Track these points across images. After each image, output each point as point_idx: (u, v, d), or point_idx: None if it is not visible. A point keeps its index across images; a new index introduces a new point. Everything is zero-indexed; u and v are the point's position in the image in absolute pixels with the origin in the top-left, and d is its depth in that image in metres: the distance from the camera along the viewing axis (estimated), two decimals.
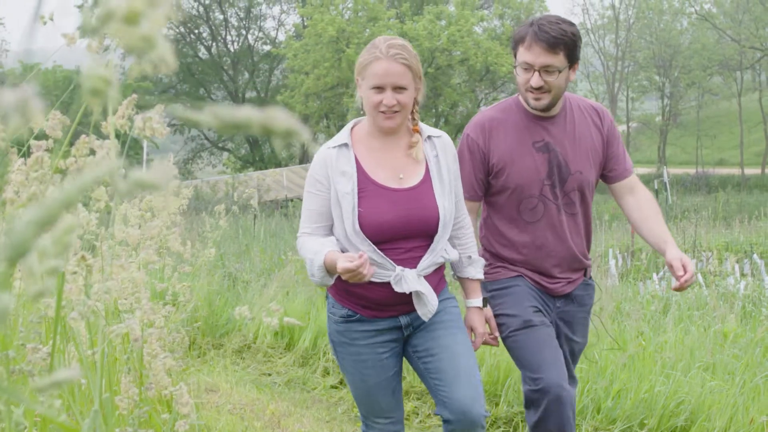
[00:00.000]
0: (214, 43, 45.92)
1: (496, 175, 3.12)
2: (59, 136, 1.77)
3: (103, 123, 1.49)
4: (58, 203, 0.44)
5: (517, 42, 3.03)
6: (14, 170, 1.72)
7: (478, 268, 2.99)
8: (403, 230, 2.71)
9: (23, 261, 0.46)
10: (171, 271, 3.79)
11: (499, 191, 3.15)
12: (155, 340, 2.09)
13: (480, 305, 3.02)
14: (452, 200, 2.80)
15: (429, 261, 2.75)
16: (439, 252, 2.77)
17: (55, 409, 1.12)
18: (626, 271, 10.49)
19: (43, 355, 1.45)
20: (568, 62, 3.00)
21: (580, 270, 3.29)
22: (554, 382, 2.98)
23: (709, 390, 4.46)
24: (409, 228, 2.71)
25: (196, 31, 45.42)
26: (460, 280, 3.04)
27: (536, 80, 2.97)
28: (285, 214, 19.61)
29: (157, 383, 2.07)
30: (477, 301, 3.02)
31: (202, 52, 46.07)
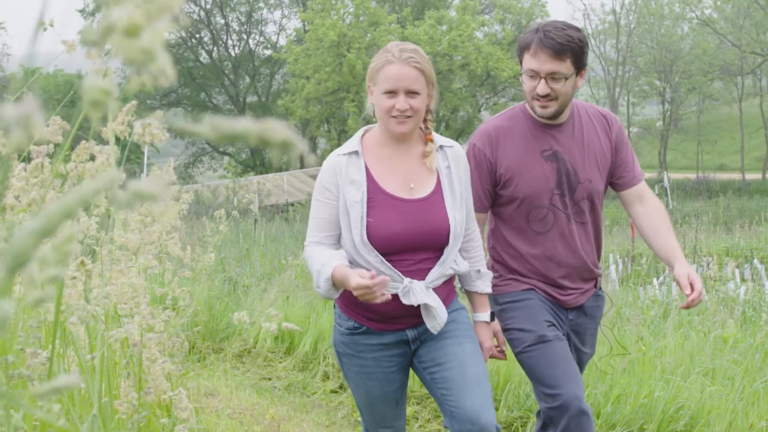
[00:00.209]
0: (215, 48, 45.96)
1: (503, 185, 3.05)
2: (59, 140, 1.78)
3: (103, 129, 1.50)
4: (59, 213, 0.45)
5: (523, 49, 2.96)
6: (15, 175, 1.73)
7: (486, 282, 2.91)
8: (413, 242, 2.64)
9: (23, 270, 0.47)
10: (171, 275, 3.80)
11: (508, 202, 3.08)
12: (154, 345, 2.09)
13: (488, 320, 2.95)
14: (463, 212, 2.73)
15: (438, 273, 2.67)
16: (448, 264, 2.70)
17: (54, 413, 1.13)
18: (626, 276, 10.50)
19: (42, 360, 1.46)
20: (575, 69, 2.93)
21: (591, 280, 3.22)
22: (573, 396, 2.90)
23: (709, 395, 4.46)
24: (418, 240, 2.65)
25: (198, 35, 45.46)
26: (468, 293, 2.96)
27: (542, 88, 2.90)
28: (286, 219, 19.63)
29: (156, 388, 2.07)
30: (485, 315, 2.94)
31: (203, 57, 46.13)
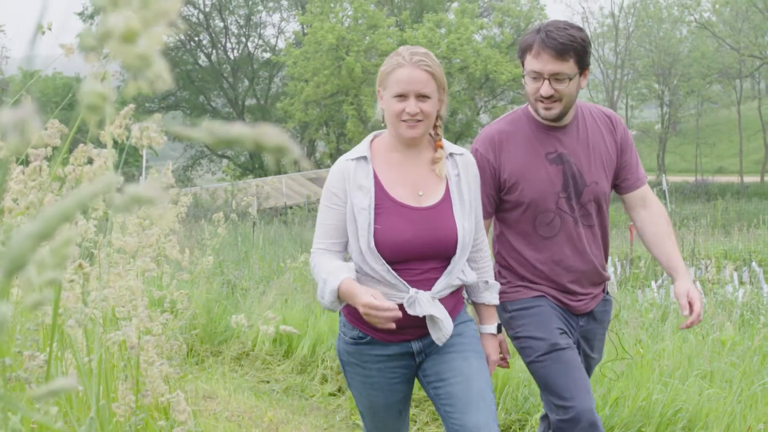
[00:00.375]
0: (214, 51, 46.00)
1: (508, 190, 2.99)
2: (58, 144, 1.78)
3: (101, 132, 1.50)
4: (56, 217, 0.46)
5: (524, 50, 2.90)
6: (13, 178, 1.73)
7: (494, 294, 2.85)
8: (420, 251, 2.58)
9: (21, 273, 0.48)
10: (169, 278, 3.80)
11: (513, 207, 3.01)
12: (152, 348, 2.09)
13: (495, 331, 2.89)
14: (472, 221, 2.68)
15: (444, 283, 2.61)
16: (455, 274, 2.64)
17: (52, 416, 1.13)
18: (625, 278, 10.50)
19: (39, 363, 1.46)
20: (579, 69, 2.87)
21: (601, 284, 3.16)
22: (586, 409, 2.86)
23: (707, 398, 4.47)
24: (426, 249, 2.59)
25: (196, 38, 45.51)
26: (475, 305, 2.90)
27: (546, 89, 2.84)
28: (284, 222, 19.64)
29: (154, 390, 2.07)
30: (492, 327, 2.88)
31: (202, 60, 46.17)
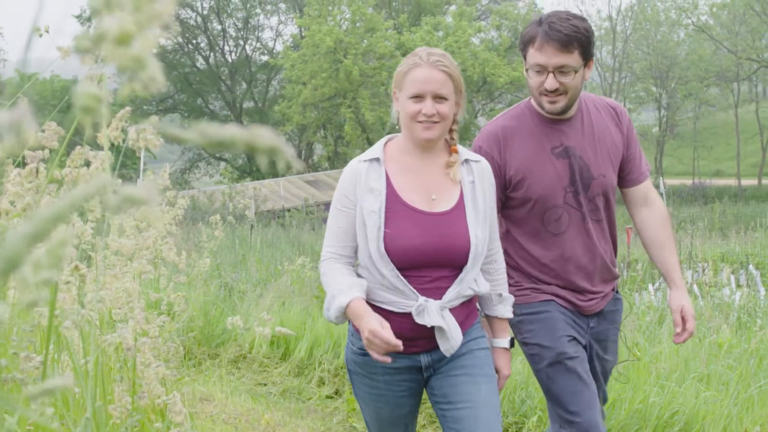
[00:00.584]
0: (211, 54, 46.00)
1: (514, 187, 2.90)
2: (55, 146, 1.79)
3: (98, 135, 1.51)
4: (51, 217, 0.46)
5: (527, 43, 2.80)
6: (10, 180, 1.74)
7: (507, 307, 2.76)
8: (431, 258, 2.50)
9: (16, 273, 0.48)
10: (166, 281, 3.81)
11: (520, 204, 2.92)
12: (148, 350, 2.10)
13: (507, 346, 2.79)
14: (486, 230, 2.59)
15: (455, 293, 2.52)
16: (467, 284, 2.55)
17: (48, 416, 1.13)
18: (622, 281, 10.50)
19: (36, 364, 1.47)
20: (583, 60, 2.78)
21: (611, 281, 3.08)
22: (592, 423, 2.83)
23: (704, 401, 4.47)
24: (437, 256, 2.50)
25: (194, 41, 45.51)
26: (488, 317, 2.80)
27: (551, 83, 2.75)
28: (282, 224, 19.63)
29: (150, 392, 2.08)
30: (504, 341, 2.79)
31: (200, 63, 46.17)
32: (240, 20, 46.33)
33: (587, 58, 2.79)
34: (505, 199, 2.96)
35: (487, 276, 2.70)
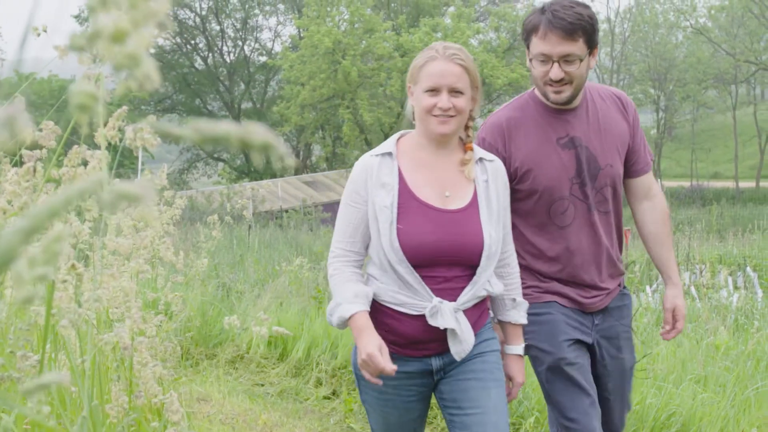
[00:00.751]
0: (210, 54, 45.98)
1: (520, 179, 2.81)
2: (53, 146, 1.79)
3: (95, 134, 1.51)
4: (45, 213, 0.46)
5: (530, 32, 2.72)
6: (7, 180, 1.74)
7: (521, 313, 2.69)
8: (444, 255, 2.44)
9: (11, 268, 0.48)
10: (164, 281, 3.80)
11: (526, 196, 2.84)
12: (145, 349, 2.10)
13: (521, 353, 2.72)
14: (500, 230, 2.53)
15: (470, 294, 2.47)
16: (481, 285, 2.49)
17: (44, 414, 1.14)
18: None
19: (32, 363, 1.47)
20: (588, 48, 2.70)
21: (617, 278, 3.01)
22: (589, 430, 2.80)
23: (701, 402, 4.48)
24: (450, 253, 2.44)
25: (193, 41, 45.50)
26: (501, 323, 2.73)
27: (556, 72, 2.68)
28: (280, 225, 19.65)
29: (147, 391, 2.08)
30: (518, 347, 2.72)
31: (199, 63, 46.14)
32: (238, 21, 46.33)
33: (592, 46, 2.73)
34: (510, 191, 2.87)
35: (501, 280, 2.64)
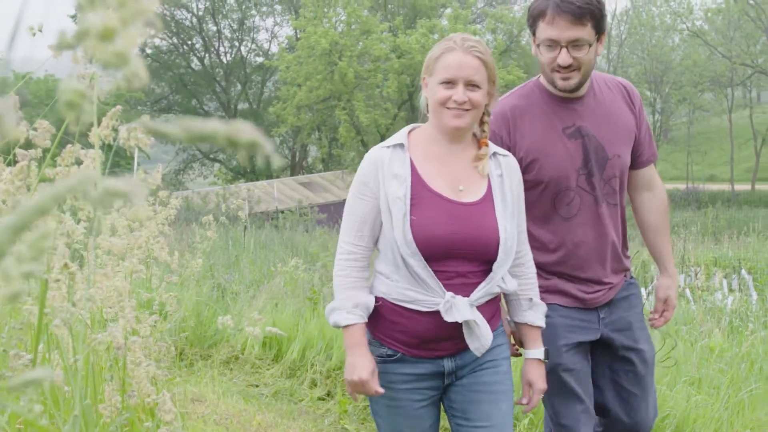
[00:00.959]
0: (206, 55, 45.95)
1: (525, 169, 2.70)
2: (47, 145, 1.79)
3: (89, 133, 1.51)
4: (33, 210, 0.47)
5: (536, 17, 2.64)
6: (1, 179, 1.74)
7: (539, 314, 2.59)
8: (458, 249, 2.36)
9: None
10: (158, 281, 3.80)
11: (531, 187, 2.73)
12: (139, 349, 2.10)
13: (541, 357, 2.61)
14: (514, 226, 2.45)
15: (484, 291, 2.39)
16: (496, 282, 2.41)
17: (36, 413, 1.14)
18: None
19: (25, 362, 1.47)
20: (596, 33, 2.63)
21: (621, 273, 2.93)
22: None
23: (695, 404, 4.49)
24: (465, 247, 2.36)
25: (189, 42, 45.48)
26: (517, 325, 2.64)
27: (564, 58, 2.61)
28: (275, 226, 19.64)
29: (140, 391, 2.08)
30: (538, 352, 2.61)
31: (195, 63, 46.11)
32: (235, 21, 46.31)
33: (600, 31, 2.66)
34: None
35: (516, 279, 2.55)
